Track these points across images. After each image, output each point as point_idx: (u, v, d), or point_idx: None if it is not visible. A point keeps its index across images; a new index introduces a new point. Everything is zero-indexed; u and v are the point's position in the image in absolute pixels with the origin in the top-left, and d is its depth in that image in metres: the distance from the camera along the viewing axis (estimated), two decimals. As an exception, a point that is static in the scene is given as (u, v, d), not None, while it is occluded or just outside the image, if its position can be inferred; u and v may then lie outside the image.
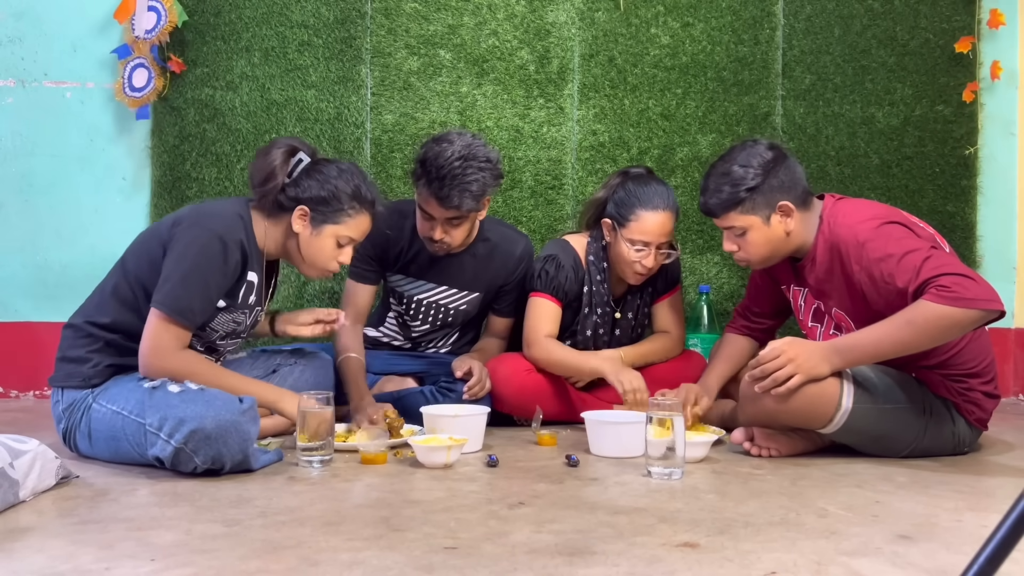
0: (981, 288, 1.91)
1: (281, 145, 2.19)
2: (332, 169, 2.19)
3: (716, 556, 1.38)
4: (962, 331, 1.97)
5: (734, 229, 2.22)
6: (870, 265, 2.04)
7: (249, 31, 3.14)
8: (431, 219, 2.51)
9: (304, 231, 2.17)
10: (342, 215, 2.17)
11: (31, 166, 3.14)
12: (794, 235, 2.20)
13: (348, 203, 2.17)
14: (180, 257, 2.03)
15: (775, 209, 2.17)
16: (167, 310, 2.00)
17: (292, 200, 2.15)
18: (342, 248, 2.21)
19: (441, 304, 2.72)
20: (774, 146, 2.23)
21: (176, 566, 1.31)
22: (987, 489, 1.91)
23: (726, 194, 2.19)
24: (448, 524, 1.54)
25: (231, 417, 1.86)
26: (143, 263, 2.10)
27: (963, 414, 2.17)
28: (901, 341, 1.97)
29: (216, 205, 2.18)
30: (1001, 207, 3.48)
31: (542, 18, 3.26)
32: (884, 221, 2.07)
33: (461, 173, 2.41)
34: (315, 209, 2.16)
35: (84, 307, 2.15)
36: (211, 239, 2.04)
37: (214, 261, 2.03)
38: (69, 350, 2.10)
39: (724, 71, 3.34)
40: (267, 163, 2.15)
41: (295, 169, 2.17)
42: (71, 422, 2.06)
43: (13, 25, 3.13)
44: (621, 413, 2.34)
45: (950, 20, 3.41)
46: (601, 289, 2.67)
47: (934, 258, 1.97)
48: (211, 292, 2.05)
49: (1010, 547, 0.94)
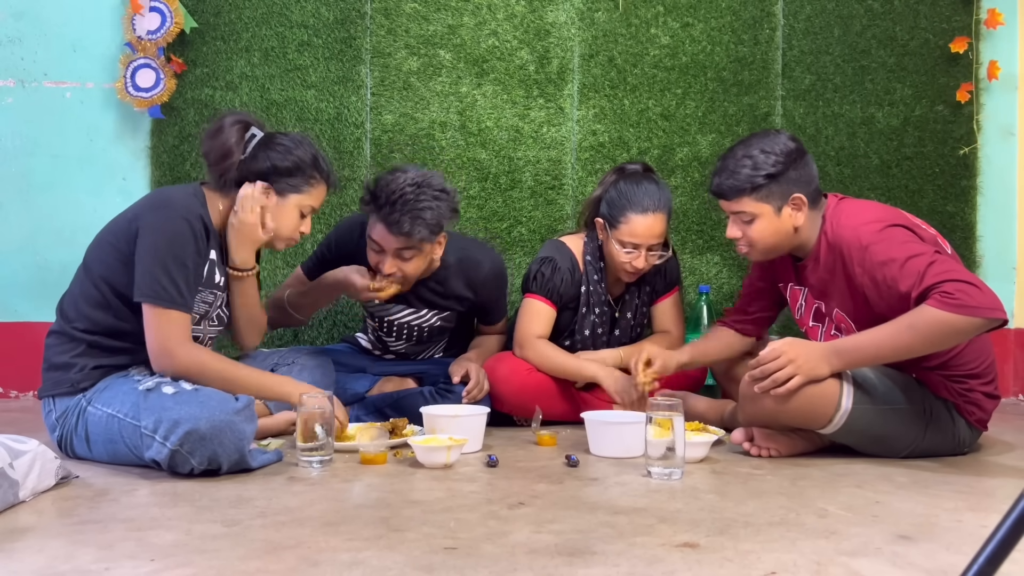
0: (985, 296, 1.90)
1: (232, 121, 2.18)
2: (289, 140, 2.20)
3: (716, 556, 1.38)
4: (963, 338, 1.97)
5: (743, 215, 2.19)
6: (873, 268, 2.03)
7: (249, 31, 3.14)
8: (381, 251, 2.40)
9: (269, 203, 2.17)
10: (304, 185, 2.19)
11: (31, 166, 3.15)
12: (800, 231, 2.19)
13: (310, 172, 2.19)
14: (152, 246, 2.01)
15: (788, 201, 2.16)
16: (157, 301, 2.00)
17: (253, 175, 2.15)
18: (304, 218, 2.23)
19: (414, 324, 2.68)
20: (795, 139, 2.22)
21: (176, 566, 1.31)
22: (987, 489, 1.91)
23: (744, 177, 2.16)
24: (448, 524, 1.54)
25: (225, 417, 1.86)
26: (108, 261, 2.07)
27: (963, 415, 2.17)
28: (902, 345, 1.96)
29: (169, 190, 2.20)
30: (1001, 207, 3.48)
31: (542, 18, 3.26)
32: (888, 224, 2.06)
33: (414, 199, 2.32)
34: (278, 181, 2.17)
35: (62, 314, 2.14)
36: (177, 221, 2.03)
37: (186, 242, 2.03)
38: (54, 358, 2.09)
39: (724, 71, 3.34)
40: (222, 141, 2.15)
41: (249, 144, 2.17)
42: (65, 429, 2.05)
43: (13, 25, 3.13)
44: (621, 413, 2.34)
45: (950, 20, 3.41)
46: (599, 289, 2.67)
47: (938, 263, 1.95)
48: (191, 273, 2.05)
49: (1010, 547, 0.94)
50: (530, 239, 3.24)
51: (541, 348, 2.59)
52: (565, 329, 2.70)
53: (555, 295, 2.63)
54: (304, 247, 3.08)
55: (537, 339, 2.60)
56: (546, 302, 2.63)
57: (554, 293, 2.63)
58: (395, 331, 2.70)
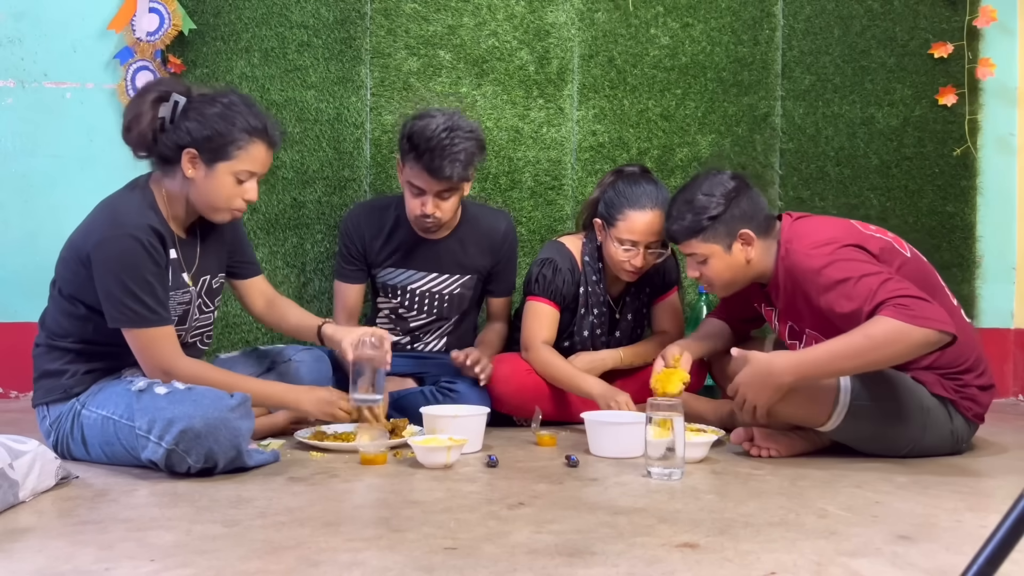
0: (935, 310, 1.93)
1: (150, 91, 2.05)
2: (211, 105, 2.04)
3: (716, 556, 1.38)
4: (914, 352, 1.95)
5: (696, 256, 2.26)
6: (827, 290, 2.05)
7: (249, 32, 3.14)
8: (422, 194, 2.54)
9: (197, 174, 2.04)
10: (232, 148, 2.04)
11: (31, 166, 3.14)
12: (755, 263, 2.24)
13: (236, 134, 2.03)
14: (108, 273, 1.96)
15: (736, 237, 2.21)
16: (133, 324, 1.97)
17: (176, 147, 2.03)
18: (243, 184, 2.08)
19: (435, 292, 2.73)
20: (736, 176, 2.28)
21: (176, 566, 1.31)
22: (987, 489, 1.91)
23: (688, 221, 2.23)
24: (448, 524, 1.54)
25: (220, 414, 1.85)
26: (76, 281, 2.03)
27: (961, 411, 2.18)
28: (858, 355, 1.96)
29: (115, 202, 2.07)
30: (1000, 207, 3.48)
31: (542, 18, 3.26)
32: (839, 245, 2.10)
33: (449, 144, 2.45)
34: (202, 149, 2.02)
35: (44, 327, 2.12)
36: (124, 240, 1.95)
37: (140, 259, 1.96)
38: (45, 366, 2.09)
39: (724, 72, 3.34)
40: (135, 108, 2.04)
41: (174, 113, 2.04)
42: (60, 433, 2.05)
43: (13, 25, 3.13)
44: (621, 413, 2.34)
45: (949, 21, 3.42)
46: (597, 289, 2.67)
47: (891, 282, 1.99)
48: (155, 288, 1.99)
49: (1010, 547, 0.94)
50: (530, 239, 3.24)
51: (545, 355, 2.60)
52: (564, 330, 2.70)
53: (557, 296, 2.64)
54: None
55: (542, 344, 2.61)
56: (550, 303, 2.64)
57: (556, 294, 2.64)
58: (416, 304, 2.74)
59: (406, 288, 2.73)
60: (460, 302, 2.77)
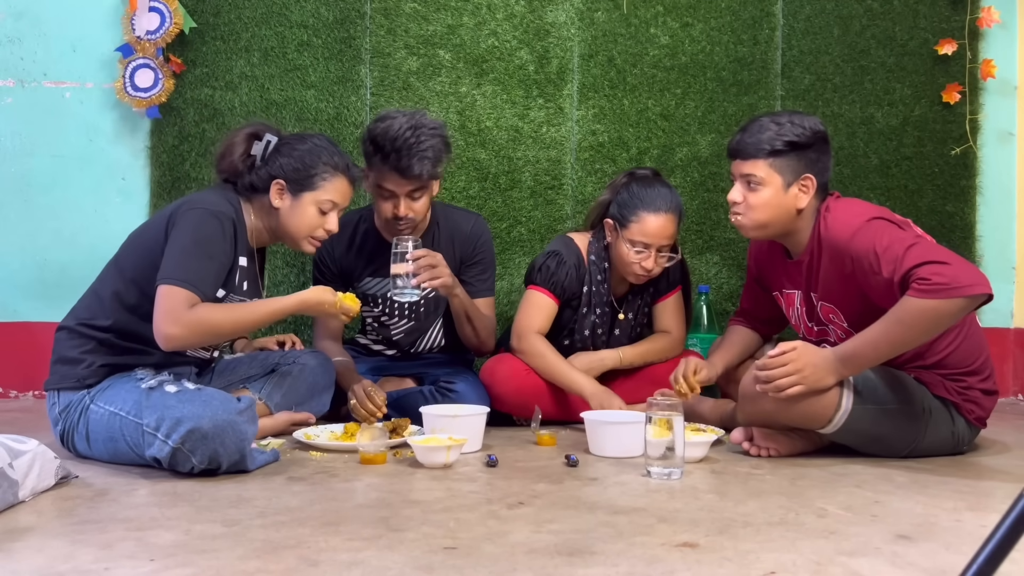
0: (963, 274, 1.90)
1: (246, 127, 2.25)
2: (302, 142, 2.24)
3: (716, 556, 1.38)
4: (953, 319, 1.94)
5: (752, 178, 2.19)
6: (859, 257, 2.05)
7: (248, 31, 3.14)
8: (393, 197, 2.49)
9: (284, 204, 2.20)
10: (317, 180, 2.20)
11: (31, 166, 3.14)
12: (800, 217, 2.20)
13: (321, 168, 2.21)
14: (185, 232, 2.05)
15: (798, 179, 2.17)
16: (173, 281, 1.99)
17: (268, 177, 2.19)
18: (326, 215, 2.23)
19: None
20: (824, 127, 2.24)
21: (176, 566, 1.31)
22: (986, 489, 1.91)
23: (767, 137, 2.17)
24: (448, 524, 1.54)
25: (228, 417, 1.86)
26: (143, 265, 2.08)
27: (963, 414, 2.17)
28: (896, 340, 1.98)
29: (205, 192, 2.22)
30: (1000, 207, 3.48)
31: (542, 18, 3.26)
32: (873, 216, 2.09)
33: (416, 142, 2.42)
34: (290, 180, 2.19)
35: (76, 309, 2.15)
36: (206, 216, 2.07)
37: (213, 235, 2.06)
38: (63, 352, 2.10)
39: (723, 71, 3.34)
40: (229, 140, 2.24)
41: (266, 151, 2.22)
42: (68, 424, 2.06)
43: (13, 25, 3.13)
44: (621, 413, 2.34)
45: (949, 20, 3.42)
46: (601, 289, 2.67)
47: (917, 247, 1.97)
48: (214, 264, 2.05)
49: (1009, 547, 0.94)
50: (530, 239, 3.24)
51: (537, 345, 2.59)
52: (565, 327, 2.70)
53: (558, 288, 2.63)
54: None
55: (535, 334, 2.60)
56: (548, 295, 2.63)
57: (557, 286, 2.63)
58: (397, 310, 2.71)
59: (386, 296, 2.68)
60: (438, 304, 2.74)
